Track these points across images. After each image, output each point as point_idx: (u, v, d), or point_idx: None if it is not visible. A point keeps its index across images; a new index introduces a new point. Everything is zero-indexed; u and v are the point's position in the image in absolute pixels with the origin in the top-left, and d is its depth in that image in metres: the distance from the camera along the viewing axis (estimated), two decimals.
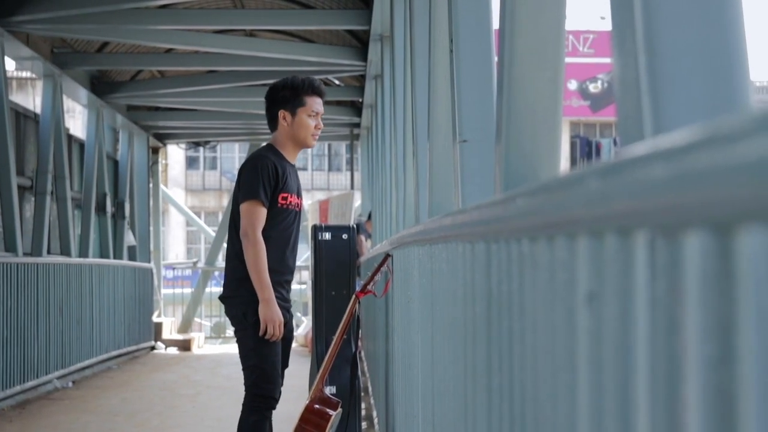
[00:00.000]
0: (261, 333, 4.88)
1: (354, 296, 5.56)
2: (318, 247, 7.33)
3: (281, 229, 4.98)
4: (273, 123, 5.09)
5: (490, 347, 1.96)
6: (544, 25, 2.92)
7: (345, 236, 7.38)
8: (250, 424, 4.96)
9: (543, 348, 1.51)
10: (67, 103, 15.71)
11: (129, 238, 17.10)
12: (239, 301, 4.92)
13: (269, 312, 4.84)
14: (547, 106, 2.96)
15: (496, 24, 3.59)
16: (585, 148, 34.36)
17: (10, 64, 12.62)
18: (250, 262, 4.84)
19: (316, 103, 5.11)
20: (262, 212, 4.90)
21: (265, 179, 4.91)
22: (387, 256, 5.21)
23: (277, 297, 4.94)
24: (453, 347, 2.53)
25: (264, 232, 4.89)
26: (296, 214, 5.07)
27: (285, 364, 5.25)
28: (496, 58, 3.68)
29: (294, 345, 19.99)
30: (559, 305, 1.42)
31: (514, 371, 1.73)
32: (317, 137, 5.16)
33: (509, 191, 1.79)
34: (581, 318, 1.30)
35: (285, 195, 4.98)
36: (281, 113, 5.04)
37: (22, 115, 13.34)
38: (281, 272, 5.02)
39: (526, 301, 1.63)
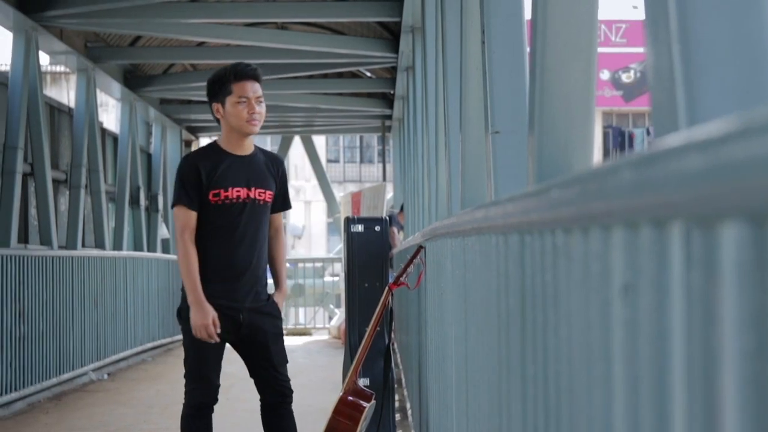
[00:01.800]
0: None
1: (387, 288, 5.56)
2: (351, 239, 7.34)
3: (220, 226, 4.83)
4: (215, 119, 5.02)
5: (524, 339, 1.96)
6: (576, 14, 2.91)
7: (378, 228, 7.38)
8: (181, 417, 4.99)
9: (578, 339, 1.51)
10: (101, 96, 15.80)
11: (162, 231, 17.19)
12: (182, 299, 4.92)
13: (194, 315, 4.75)
14: (580, 96, 2.94)
15: (528, 14, 3.58)
16: (618, 139, 34.21)
17: (44, 59, 12.70)
18: (179, 265, 4.88)
19: (243, 89, 4.84)
20: (187, 215, 4.81)
21: (185, 182, 4.81)
22: (420, 248, 5.21)
23: (221, 297, 4.80)
24: (487, 339, 2.53)
25: (205, 232, 4.82)
26: (242, 206, 4.85)
27: (271, 362, 5.04)
28: (528, 49, 3.66)
29: (327, 337, 19.81)
30: (594, 297, 1.41)
31: (548, 363, 1.72)
32: (257, 122, 4.86)
33: (543, 183, 1.79)
34: (616, 309, 1.30)
35: (216, 191, 4.81)
36: (214, 107, 4.92)
37: (56, 110, 13.42)
38: (229, 269, 4.84)
39: (560, 292, 1.62)
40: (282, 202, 5.04)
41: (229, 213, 4.82)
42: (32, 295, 9.80)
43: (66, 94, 26.68)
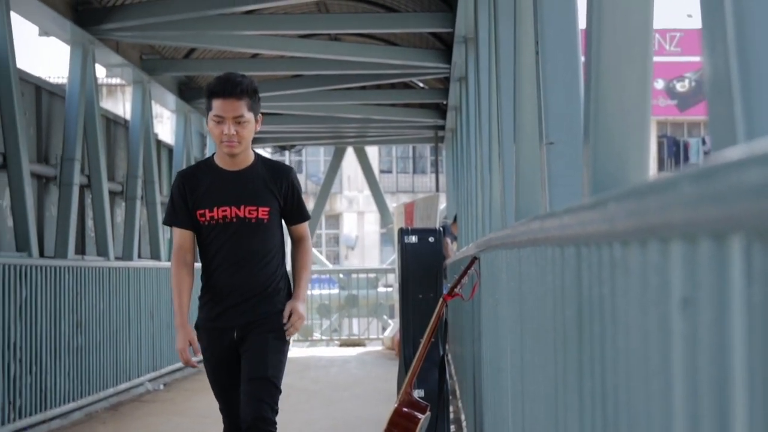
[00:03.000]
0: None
1: (441, 299, 5.56)
2: (405, 250, 7.35)
3: (205, 246, 4.58)
4: None
5: (581, 351, 1.95)
6: (631, 24, 2.90)
7: (432, 239, 7.39)
8: None
9: (636, 352, 1.50)
10: (156, 108, 15.95)
11: None
12: None
13: (177, 339, 4.59)
14: (635, 106, 2.93)
15: (582, 24, 3.57)
16: (672, 148, 33.94)
17: (100, 71, 12.84)
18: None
19: (218, 107, 4.47)
20: (179, 235, 4.60)
21: (174, 201, 4.59)
22: (474, 259, 5.20)
23: (215, 319, 4.57)
24: (543, 351, 2.52)
25: (202, 252, 4.62)
26: (230, 226, 4.53)
27: (248, 372, 4.52)
28: (582, 59, 3.65)
29: (381, 348, 19.85)
30: (652, 310, 1.40)
31: (606, 375, 1.71)
32: (233, 144, 4.48)
33: (600, 195, 1.78)
34: (675, 323, 1.29)
35: (201, 211, 4.55)
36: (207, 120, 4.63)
37: (112, 122, 13.57)
38: (221, 291, 4.55)
39: (618, 305, 1.61)
40: (296, 214, 4.69)
41: (217, 234, 4.54)
42: (89, 305, 9.90)
43: (122, 106, 26.96)
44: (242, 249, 4.54)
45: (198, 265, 4.64)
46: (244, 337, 4.54)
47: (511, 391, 3.41)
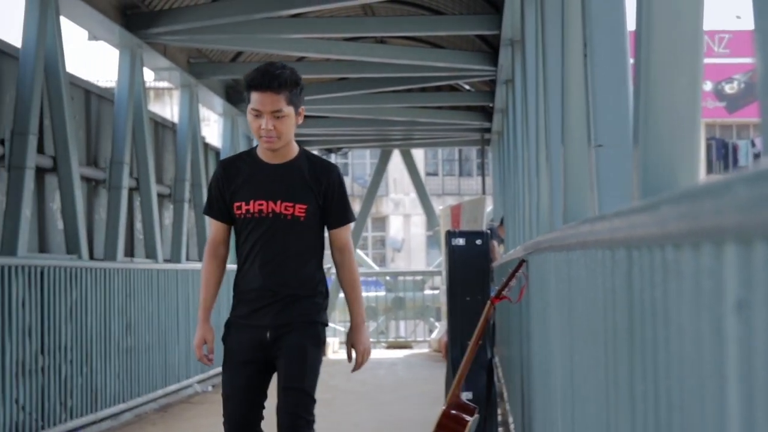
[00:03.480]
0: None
1: (489, 302, 5.55)
2: (452, 252, 7.35)
3: (240, 241, 4.40)
4: None
5: (632, 354, 1.94)
6: (681, 25, 2.88)
7: (479, 242, 7.38)
8: None
9: (689, 356, 1.50)
10: (203, 111, 16.05)
11: None
12: None
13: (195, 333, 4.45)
14: (685, 108, 2.91)
15: (631, 25, 3.56)
16: (721, 150, 33.67)
17: (148, 75, 12.95)
18: None
19: (255, 100, 4.24)
20: (214, 226, 4.45)
21: (211, 191, 4.44)
22: (522, 261, 5.20)
23: (246, 317, 4.36)
24: (593, 354, 2.51)
25: (237, 247, 4.44)
26: (264, 221, 4.32)
27: (284, 377, 4.30)
28: (631, 61, 3.64)
29: (427, 350, 19.81)
30: (706, 313, 1.40)
31: (658, 379, 1.71)
32: (272, 140, 4.27)
33: (652, 198, 1.78)
34: (730, 326, 1.29)
35: (238, 204, 4.36)
36: None
37: (160, 125, 13.68)
38: (253, 290, 4.36)
39: (670, 308, 1.61)
40: (336, 216, 4.40)
41: (252, 228, 4.34)
42: (138, 307, 9.99)
43: (169, 109, 27.12)
44: (277, 246, 4.31)
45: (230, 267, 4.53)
46: (277, 339, 4.29)
47: (560, 394, 3.40)
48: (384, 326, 21.42)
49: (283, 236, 4.32)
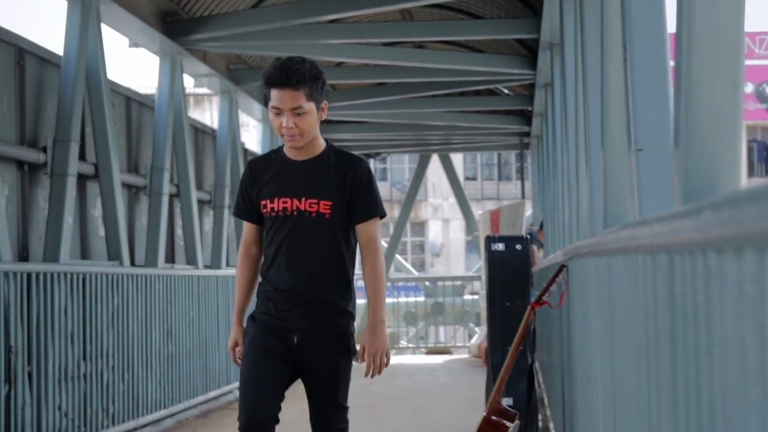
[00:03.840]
0: None
1: (529, 307, 5.53)
2: (492, 257, 7.33)
3: (271, 240, 4.23)
4: None
5: (674, 360, 1.93)
6: (722, 27, 2.86)
7: (519, 247, 7.37)
8: None
9: (732, 362, 1.48)
10: (242, 117, 16.11)
11: None
12: None
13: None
14: (727, 111, 2.89)
15: (671, 28, 3.53)
16: (762, 153, 33.40)
17: (188, 81, 13.02)
18: None
19: (275, 97, 4.10)
20: (245, 226, 4.36)
21: (241, 190, 4.34)
22: (562, 266, 5.17)
23: (272, 317, 4.21)
24: (635, 359, 2.50)
25: (265, 246, 4.29)
26: (289, 219, 4.18)
27: (315, 403, 4.22)
28: (672, 64, 3.61)
29: (467, 355, 19.71)
30: (749, 319, 1.39)
31: (701, 385, 1.70)
32: (294, 138, 4.13)
33: (694, 203, 1.76)
34: None
35: (264, 202, 4.23)
36: None
37: (200, 131, 13.74)
38: (279, 290, 4.21)
39: (713, 314, 1.60)
40: (361, 209, 4.20)
41: (277, 226, 4.20)
42: (179, 313, 10.03)
43: (209, 115, 27.27)
44: (303, 245, 4.16)
45: None
46: (305, 347, 4.14)
47: (601, 400, 3.38)
48: (423, 332, 21.40)
49: (308, 234, 4.16)
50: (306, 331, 4.15)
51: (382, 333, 4.16)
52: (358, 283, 4.72)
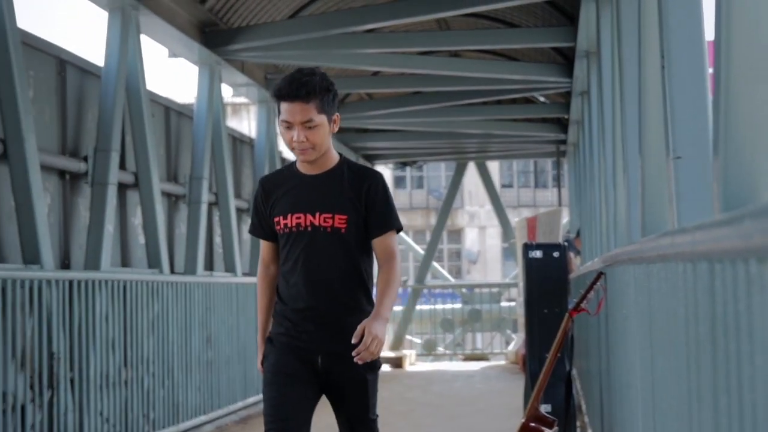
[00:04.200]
0: None
1: (567, 315, 5.54)
2: (529, 265, 7.34)
3: (287, 258, 4.09)
4: None
5: (715, 368, 1.95)
6: (761, 34, 2.87)
7: (556, 254, 7.37)
8: None
9: None
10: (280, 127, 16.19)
11: None
12: None
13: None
14: (766, 118, 2.90)
15: (709, 35, 3.54)
16: None
17: (226, 91, 13.11)
18: None
19: (285, 111, 3.98)
20: (262, 245, 4.23)
21: (255, 209, 4.22)
22: (600, 274, 5.18)
23: (295, 338, 4.05)
24: (675, 367, 2.51)
25: (281, 265, 4.15)
26: (304, 235, 4.04)
27: (346, 415, 4.13)
28: (710, 71, 3.63)
29: (504, 362, 19.66)
30: None
31: (743, 392, 1.71)
32: (305, 152, 4.01)
33: (735, 211, 1.78)
34: None
35: (277, 218, 4.11)
36: None
37: (238, 140, 13.83)
38: (299, 309, 4.05)
39: (754, 322, 1.62)
40: (377, 222, 4.05)
41: (291, 243, 4.06)
42: (218, 320, 10.11)
43: (247, 124, 27.39)
44: (319, 262, 4.02)
45: None
46: (331, 371, 4.02)
47: (641, 407, 3.39)
48: (460, 338, 21.40)
49: (325, 250, 4.02)
50: (330, 353, 4.00)
51: (383, 324, 3.91)
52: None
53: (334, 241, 4.01)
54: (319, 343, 3.99)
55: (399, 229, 4.13)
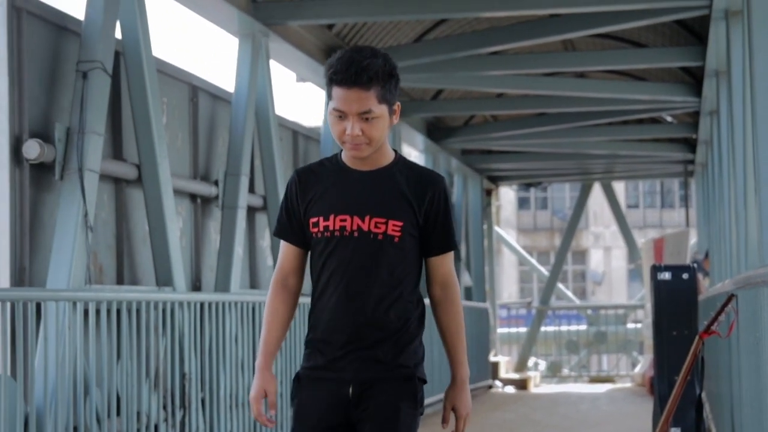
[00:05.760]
0: None
1: (697, 337, 5.49)
2: (658, 286, 7.28)
3: (316, 267, 3.36)
4: None
5: None
6: None
7: (685, 276, 7.30)
8: None
9: None
10: (406, 148, 16.32)
11: (465, 279, 17.49)
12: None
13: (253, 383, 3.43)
14: None
15: None
16: None
17: None
18: None
19: (339, 98, 3.26)
20: (283, 248, 3.43)
21: (286, 205, 3.42)
22: (731, 296, 5.12)
23: (322, 367, 3.34)
24: None
25: (313, 276, 3.38)
26: (348, 241, 3.30)
27: None
28: None
29: (630, 384, 19.43)
30: None
31: None
32: (358, 148, 3.29)
33: None
34: None
35: (315, 219, 3.34)
36: None
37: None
38: (333, 330, 3.33)
39: None
40: (438, 241, 3.36)
41: (331, 250, 3.32)
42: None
43: None
44: (363, 274, 3.29)
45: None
46: (362, 398, 3.29)
47: None
48: (586, 360, 21.22)
49: (372, 262, 3.29)
50: (363, 381, 3.30)
51: (468, 389, 3.42)
52: None
53: (386, 250, 3.30)
54: (353, 371, 3.30)
55: (458, 250, 3.49)
